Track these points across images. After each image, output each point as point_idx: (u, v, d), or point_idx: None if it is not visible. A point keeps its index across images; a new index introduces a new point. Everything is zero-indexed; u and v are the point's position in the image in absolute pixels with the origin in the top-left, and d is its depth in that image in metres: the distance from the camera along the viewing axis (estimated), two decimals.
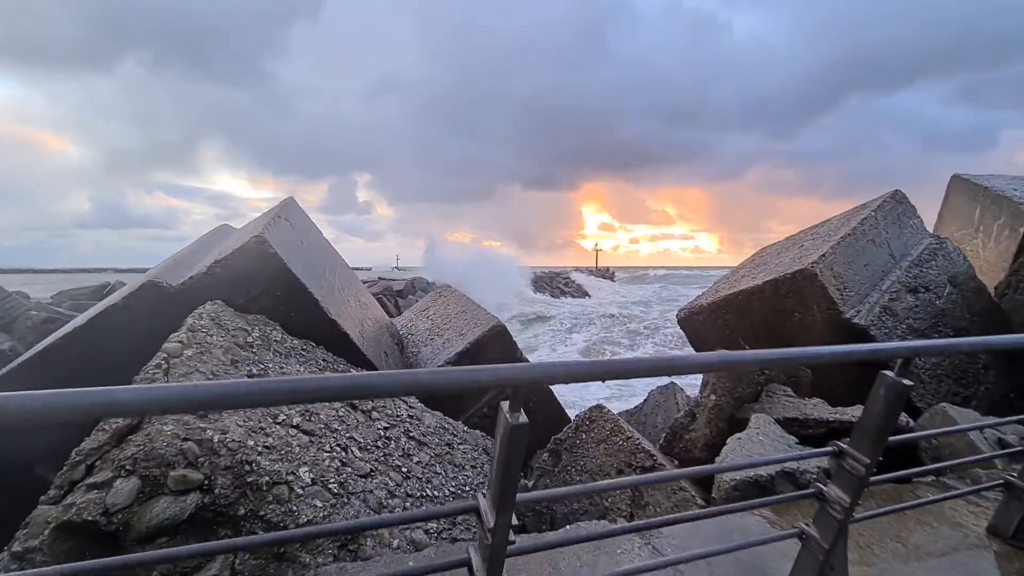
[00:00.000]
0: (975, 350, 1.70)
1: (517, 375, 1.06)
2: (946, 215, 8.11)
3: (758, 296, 5.22)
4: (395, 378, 0.97)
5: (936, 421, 3.80)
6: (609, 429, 3.18)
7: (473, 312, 5.50)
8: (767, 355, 1.30)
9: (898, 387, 1.55)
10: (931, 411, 3.91)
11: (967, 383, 4.81)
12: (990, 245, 7.00)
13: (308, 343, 3.63)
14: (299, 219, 4.67)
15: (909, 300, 4.84)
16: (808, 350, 1.37)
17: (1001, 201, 6.87)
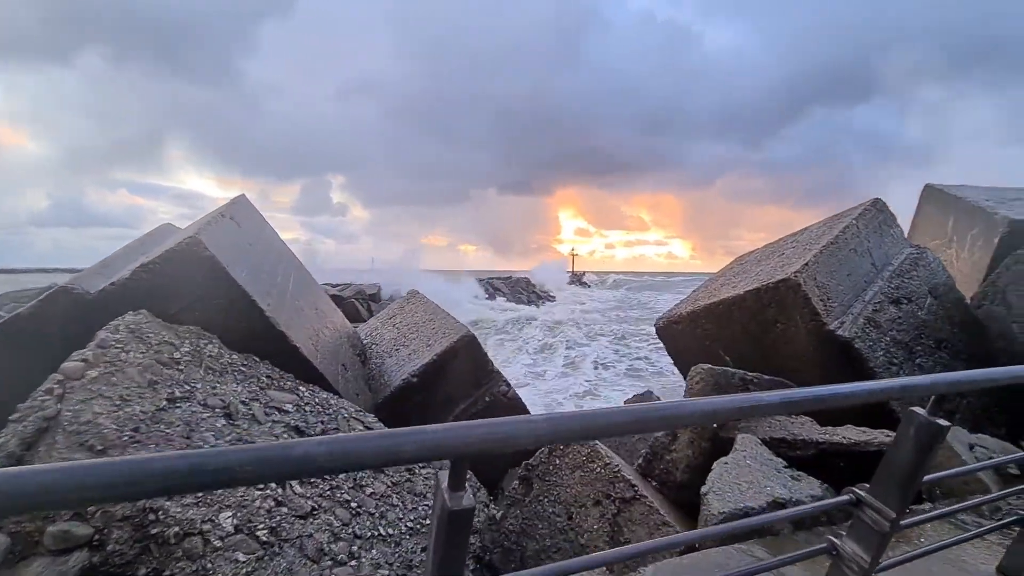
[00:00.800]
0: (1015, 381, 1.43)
1: (457, 439, 0.74)
2: (919, 224, 8.14)
3: (739, 305, 5.02)
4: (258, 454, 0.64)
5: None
6: (586, 454, 2.88)
7: (441, 320, 5.15)
8: (790, 396, 1.02)
9: (933, 428, 1.29)
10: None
11: (950, 396, 4.68)
12: (964, 255, 7.02)
13: (250, 358, 3.23)
14: (249, 218, 4.25)
15: (892, 311, 4.70)
16: (838, 389, 1.09)
17: (974, 212, 6.89)
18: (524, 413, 4.93)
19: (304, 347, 3.55)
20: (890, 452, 1.38)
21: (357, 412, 3.56)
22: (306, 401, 3.22)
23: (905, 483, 1.35)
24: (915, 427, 1.32)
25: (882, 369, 4.37)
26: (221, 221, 3.62)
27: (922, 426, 1.31)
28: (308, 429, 2.96)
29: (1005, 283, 5.34)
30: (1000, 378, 1.44)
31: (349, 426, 3.32)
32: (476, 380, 4.83)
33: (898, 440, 1.36)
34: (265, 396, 2.99)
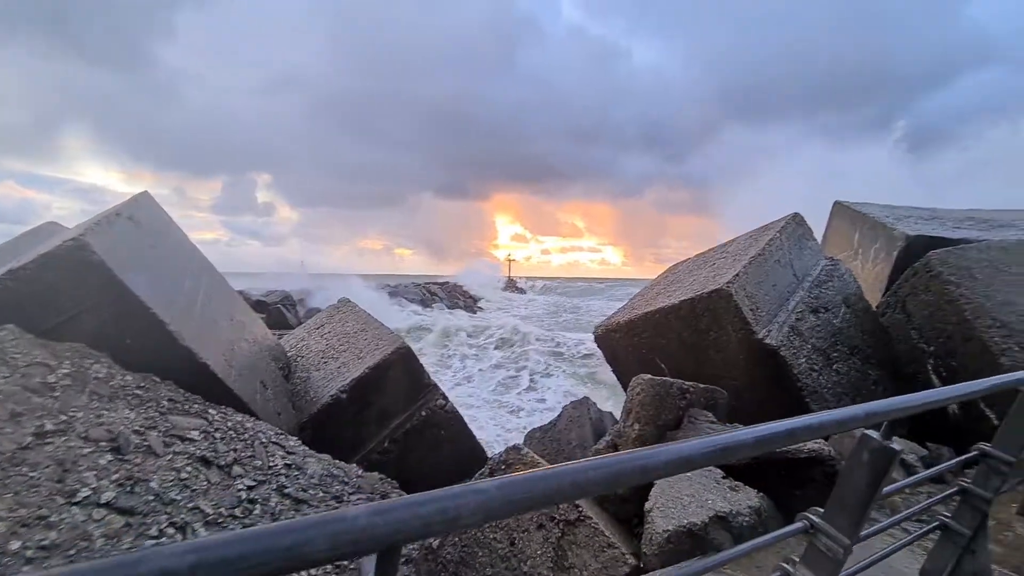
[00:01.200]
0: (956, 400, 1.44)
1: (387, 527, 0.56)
2: (830, 238, 8.82)
3: (675, 314, 5.13)
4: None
5: (844, 443, 3.82)
6: None
7: (374, 330, 4.85)
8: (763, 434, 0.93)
9: (888, 452, 1.26)
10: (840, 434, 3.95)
11: (862, 400, 5.03)
12: (868, 267, 7.64)
13: (149, 378, 2.81)
14: (152, 218, 3.77)
15: (812, 320, 4.98)
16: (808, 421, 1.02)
17: (877, 227, 7.53)
18: (463, 427, 4.74)
19: (215, 363, 3.16)
20: (843, 477, 1.35)
21: (277, 435, 3.22)
22: (216, 426, 2.86)
23: (859, 508, 1.32)
24: (869, 451, 1.29)
25: (804, 375, 4.61)
26: (116, 220, 3.16)
27: (876, 450, 1.28)
28: (217, 459, 2.62)
29: (904, 293, 5.83)
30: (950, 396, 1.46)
31: (267, 452, 2.99)
32: (412, 394, 4.58)
33: (851, 465, 1.33)
34: (166, 423, 2.61)
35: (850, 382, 4.98)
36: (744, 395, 4.94)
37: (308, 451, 3.31)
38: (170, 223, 4.20)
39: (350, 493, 3.20)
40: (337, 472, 3.29)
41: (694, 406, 4.09)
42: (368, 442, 4.41)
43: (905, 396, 1.31)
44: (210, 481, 2.46)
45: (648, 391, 3.68)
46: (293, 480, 2.90)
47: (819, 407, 4.63)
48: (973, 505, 2.13)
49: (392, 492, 3.58)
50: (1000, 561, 2.57)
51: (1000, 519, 3.04)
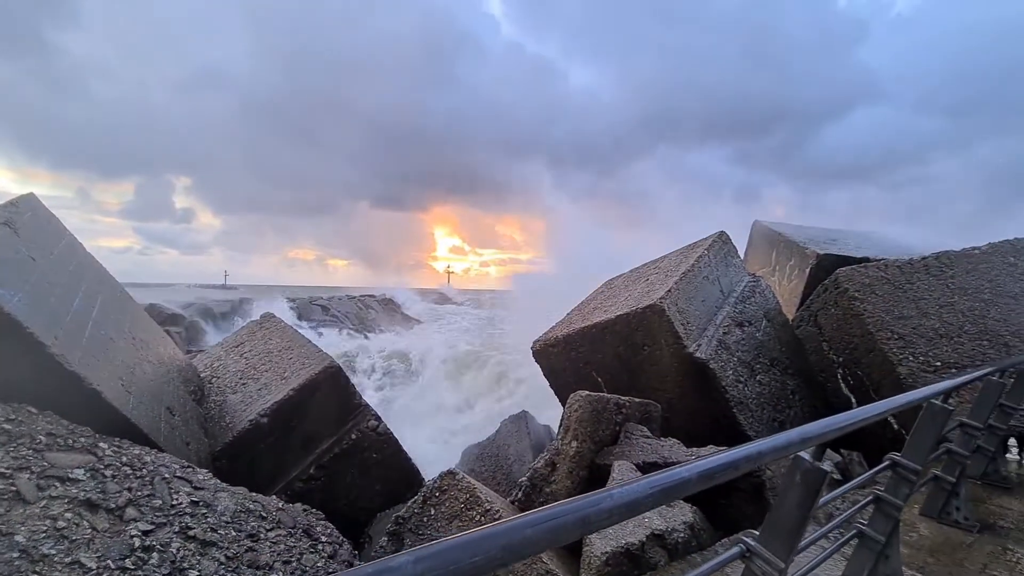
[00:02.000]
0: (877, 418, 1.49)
1: None
2: (750, 255, 9.41)
3: (610, 329, 5.21)
4: None
5: None
6: (464, 501, 2.62)
7: (300, 348, 4.54)
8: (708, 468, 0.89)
9: (817, 473, 1.28)
10: None
11: (781, 408, 5.33)
12: (784, 283, 8.21)
13: (22, 409, 2.42)
14: (36, 224, 3.32)
15: (738, 334, 5.23)
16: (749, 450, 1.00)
17: (791, 246, 8.12)
18: (396, 450, 4.53)
19: (109, 389, 2.79)
20: (776, 501, 1.35)
21: (183, 469, 2.88)
22: (107, 463, 2.51)
23: (794, 530, 1.32)
24: (801, 473, 1.30)
25: (731, 387, 4.81)
26: None
27: (809, 471, 1.29)
28: (106, 501, 2.28)
29: (816, 308, 6.29)
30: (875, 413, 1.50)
31: (170, 489, 2.66)
32: (341, 416, 4.31)
33: (784, 489, 1.33)
34: (41, 462, 2.25)
35: (772, 392, 5.27)
36: (676, 406, 5.08)
37: (220, 485, 2.99)
38: (60, 230, 3.73)
39: (268, 529, 2.92)
40: (253, 507, 2.99)
41: (630, 420, 4.13)
42: (292, 470, 4.09)
43: (834, 418, 1.34)
44: (95, 528, 2.14)
45: (585, 408, 3.67)
46: (200, 520, 2.60)
47: (745, 417, 4.85)
48: (886, 512, 2.25)
49: (317, 524, 3.32)
50: (907, 562, 2.74)
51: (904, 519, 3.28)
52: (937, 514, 3.32)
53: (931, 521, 3.32)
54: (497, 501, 2.72)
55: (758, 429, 4.88)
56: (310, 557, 2.96)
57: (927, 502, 3.39)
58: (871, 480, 2.29)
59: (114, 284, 4.05)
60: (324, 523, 3.40)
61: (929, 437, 2.24)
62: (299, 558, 2.89)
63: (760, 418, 4.96)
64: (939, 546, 3.07)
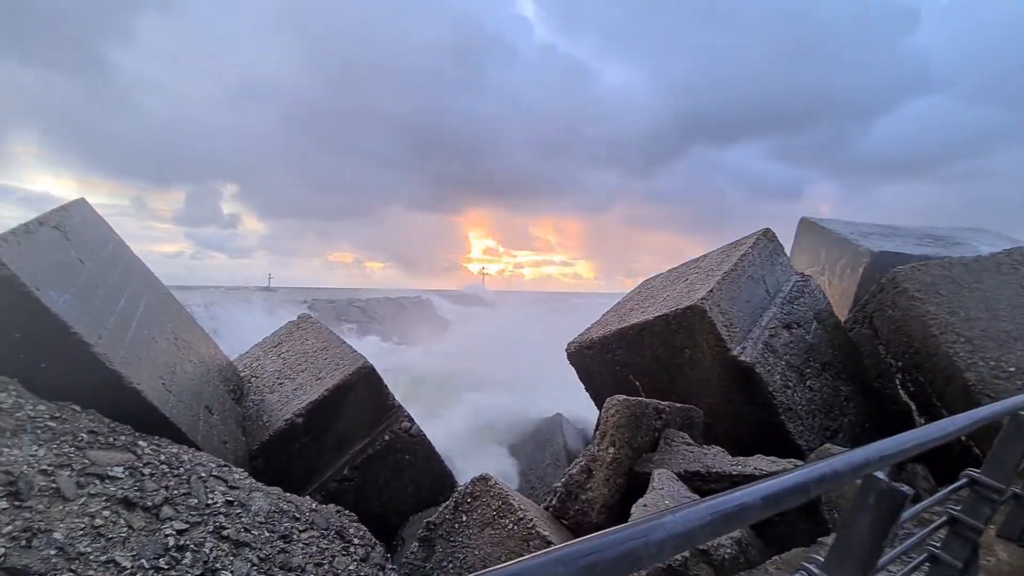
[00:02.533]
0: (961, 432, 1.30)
1: None
2: (797, 254, 8.95)
3: (649, 331, 5.02)
4: None
5: None
6: (496, 508, 2.53)
7: (335, 349, 4.57)
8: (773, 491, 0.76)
9: (895, 495, 1.11)
10: (816, 453, 3.87)
11: (834, 416, 5.00)
12: (834, 283, 7.76)
13: (67, 407, 2.49)
14: (85, 228, 3.44)
15: (785, 336, 4.94)
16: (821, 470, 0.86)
17: (843, 243, 7.67)
18: (429, 452, 4.49)
19: (149, 388, 2.85)
20: (844, 525, 1.19)
21: (220, 468, 2.91)
22: (146, 461, 2.54)
23: (865, 559, 1.16)
24: (875, 495, 1.14)
25: (779, 392, 4.54)
26: (39, 231, 2.83)
27: (883, 493, 1.13)
28: (144, 500, 2.31)
29: (872, 309, 5.89)
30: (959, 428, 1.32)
31: (206, 488, 2.68)
32: (375, 417, 4.30)
33: (854, 512, 1.17)
34: (82, 460, 2.29)
35: (823, 398, 4.95)
36: (719, 412, 4.84)
37: (255, 484, 3.00)
38: (108, 234, 3.86)
39: (301, 530, 2.91)
40: (287, 507, 2.99)
41: (670, 426, 3.95)
42: (326, 470, 4.10)
43: (912, 433, 1.17)
44: (132, 527, 2.15)
45: (623, 412, 3.52)
46: (234, 519, 2.60)
47: (794, 424, 4.57)
48: (963, 535, 2.02)
49: (350, 526, 3.29)
50: None
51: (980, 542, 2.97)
52: (1018, 536, 3.00)
53: (1011, 544, 3.00)
54: (531, 510, 2.61)
55: (808, 438, 4.59)
56: (342, 560, 2.93)
57: (1006, 523, 3.07)
58: (945, 498, 2.06)
59: (159, 286, 4.17)
60: (357, 525, 3.37)
61: (1015, 453, 1.99)
62: (331, 560, 2.87)
63: (811, 426, 4.66)
64: (1020, 572, 2.76)
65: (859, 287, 7.07)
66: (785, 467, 3.05)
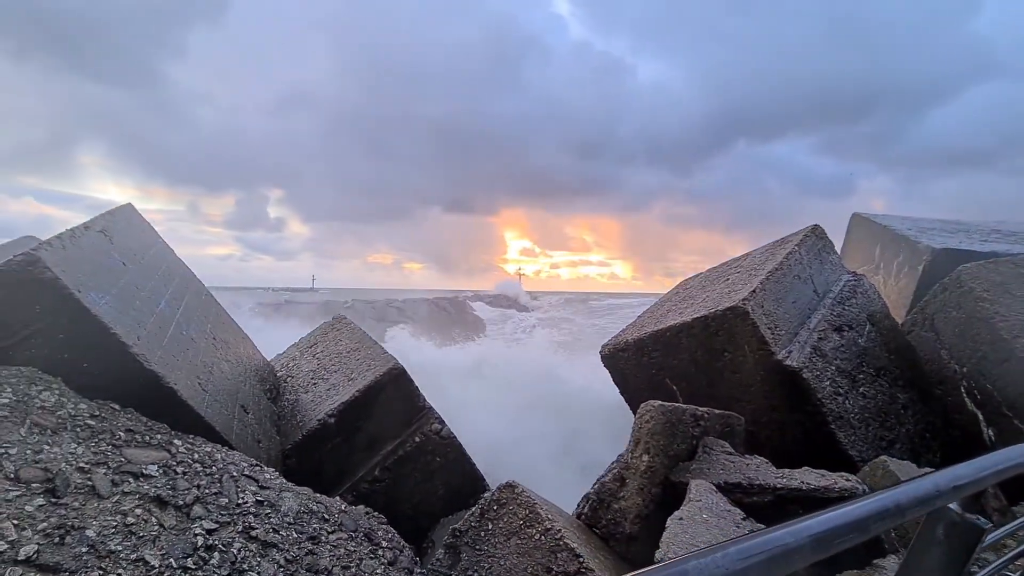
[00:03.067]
0: None
1: None
2: (848, 252, 8.45)
3: (687, 333, 4.81)
4: None
5: (877, 476, 3.47)
6: (523, 517, 2.44)
7: (367, 350, 4.59)
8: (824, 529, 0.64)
9: (970, 529, 0.96)
10: (871, 466, 3.59)
11: (890, 425, 4.65)
12: (890, 282, 7.27)
13: (106, 406, 2.56)
14: (129, 231, 3.57)
15: (835, 339, 4.63)
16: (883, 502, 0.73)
17: (899, 240, 7.17)
18: (459, 454, 4.45)
19: (185, 388, 2.91)
20: (911, 562, 1.04)
21: (251, 467, 2.95)
22: (180, 459, 2.59)
23: None
24: (946, 526, 0.99)
25: (829, 399, 4.25)
26: (84, 235, 2.95)
27: (955, 527, 0.98)
28: (175, 498, 2.34)
29: (933, 311, 5.47)
30: None
31: (237, 487, 2.71)
32: (406, 418, 4.29)
33: (919, 547, 1.02)
34: (118, 458, 2.35)
35: (878, 406, 4.61)
36: (762, 419, 4.59)
37: (285, 484, 3.03)
38: (152, 238, 4.01)
39: (329, 532, 2.91)
40: (316, 508, 3.00)
41: (709, 434, 3.76)
42: (357, 470, 4.12)
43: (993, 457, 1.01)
44: (163, 525, 2.19)
45: (658, 419, 3.36)
46: (263, 520, 2.62)
47: (845, 434, 4.27)
48: None
49: (379, 528, 3.28)
50: None
51: None
52: None
53: None
54: (559, 520, 2.51)
55: (861, 448, 4.29)
56: (369, 563, 2.91)
57: None
58: None
59: (199, 287, 4.30)
60: (386, 527, 3.36)
61: None
62: (358, 563, 2.85)
63: (864, 436, 4.35)
64: None
65: (918, 287, 6.59)
66: (836, 481, 2.82)
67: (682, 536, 2.50)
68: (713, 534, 2.54)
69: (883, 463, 3.47)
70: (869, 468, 3.54)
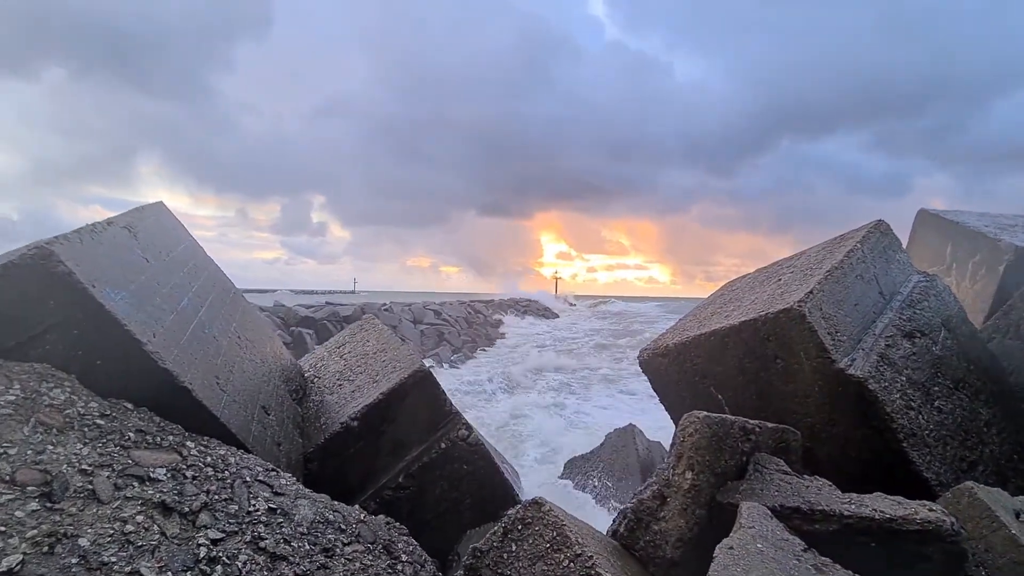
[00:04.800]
0: None
1: None
2: (914, 252, 7.74)
3: (734, 338, 4.42)
4: None
5: (963, 505, 3.01)
6: (550, 540, 2.19)
7: (393, 351, 4.44)
8: None
9: None
10: (954, 492, 3.13)
11: (971, 445, 4.11)
12: (965, 284, 6.59)
13: (118, 405, 2.48)
14: (155, 230, 3.54)
15: (906, 346, 4.14)
16: None
17: (976, 238, 6.49)
18: (488, 462, 4.22)
19: (201, 387, 2.81)
20: None
21: (267, 472, 2.81)
22: (191, 463, 2.48)
23: None
24: None
25: (899, 414, 3.78)
26: (105, 230, 2.90)
27: None
28: (182, 504, 2.22)
29: (1019, 316, 4.87)
30: None
31: (249, 493, 2.58)
32: (431, 423, 4.11)
33: None
34: (125, 460, 2.25)
35: (956, 423, 4.09)
36: (820, 435, 4.14)
37: (302, 491, 2.88)
38: (181, 235, 3.99)
39: (345, 543, 2.74)
40: (333, 517, 2.84)
41: (760, 450, 3.39)
42: (381, 476, 3.96)
43: None
44: (165, 534, 2.06)
45: (704, 431, 3.04)
46: (275, 529, 2.47)
47: (919, 453, 3.79)
48: None
49: (399, 540, 3.09)
50: None
51: None
52: None
53: None
54: (591, 544, 2.24)
55: (939, 470, 3.79)
56: None
57: None
58: None
59: (227, 286, 4.26)
60: (407, 539, 3.17)
61: None
62: None
63: (942, 456, 3.85)
64: None
65: (999, 289, 5.92)
66: (917, 511, 2.43)
67: (733, 569, 2.18)
68: (770, 568, 2.21)
69: (969, 489, 3.01)
70: (952, 495, 3.09)
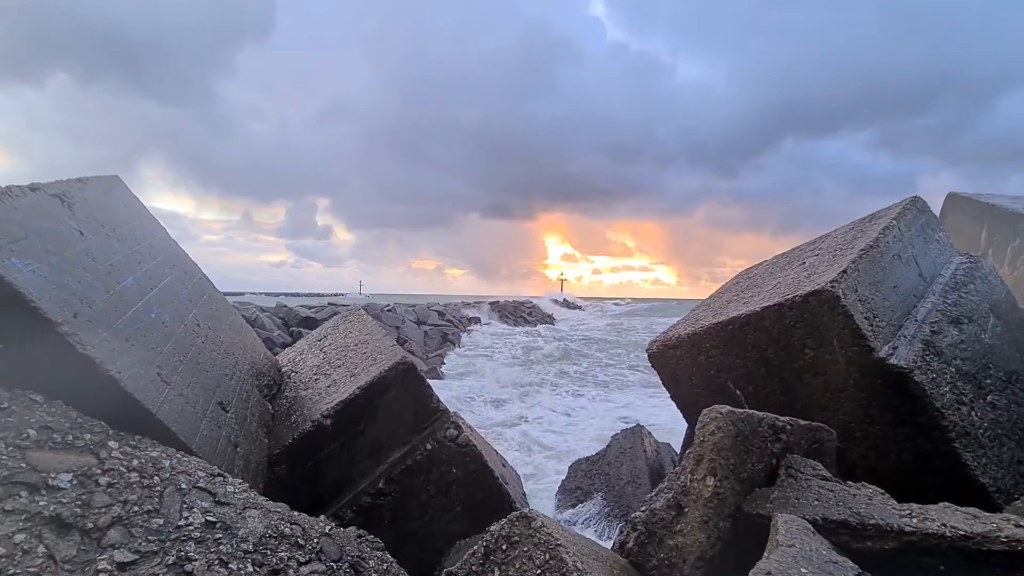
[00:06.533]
0: None
1: None
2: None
3: (755, 326, 3.95)
4: None
5: None
6: (541, 563, 1.73)
7: (375, 343, 4.00)
8: None
9: None
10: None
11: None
12: (1004, 270, 6.06)
13: (24, 396, 2.06)
14: (104, 202, 3.13)
15: (953, 334, 3.65)
16: None
17: (1015, 220, 5.96)
18: (479, 465, 3.77)
19: (133, 378, 2.39)
20: None
21: (210, 478, 2.38)
22: (108, 467, 2.05)
23: None
24: None
25: (950, 409, 3.30)
26: (24, 195, 2.49)
27: None
28: (83, 519, 1.79)
29: None
30: None
31: (183, 504, 2.15)
32: (415, 422, 3.67)
33: None
34: (18, 463, 1.82)
35: (1012, 420, 3.59)
36: (856, 434, 3.66)
37: (253, 500, 2.44)
38: (137, 212, 3.59)
39: (302, 562, 2.30)
40: (290, 530, 2.39)
41: (792, 451, 2.92)
42: (359, 481, 3.52)
43: None
44: (54, 557, 1.63)
45: (727, 429, 2.57)
46: (209, 547, 2.03)
47: (973, 454, 3.30)
48: None
49: (370, 556, 2.64)
50: None
51: None
52: None
53: None
54: (592, 567, 1.78)
55: (996, 474, 3.30)
56: None
57: None
58: None
59: (191, 269, 3.85)
60: (381, 554, 2.72)
61: None
62: None
63: (998, 459, 3.36)
64: None
65: None
66: (1000, 527, 1.95)
67: None
68: None
69: None
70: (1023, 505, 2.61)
